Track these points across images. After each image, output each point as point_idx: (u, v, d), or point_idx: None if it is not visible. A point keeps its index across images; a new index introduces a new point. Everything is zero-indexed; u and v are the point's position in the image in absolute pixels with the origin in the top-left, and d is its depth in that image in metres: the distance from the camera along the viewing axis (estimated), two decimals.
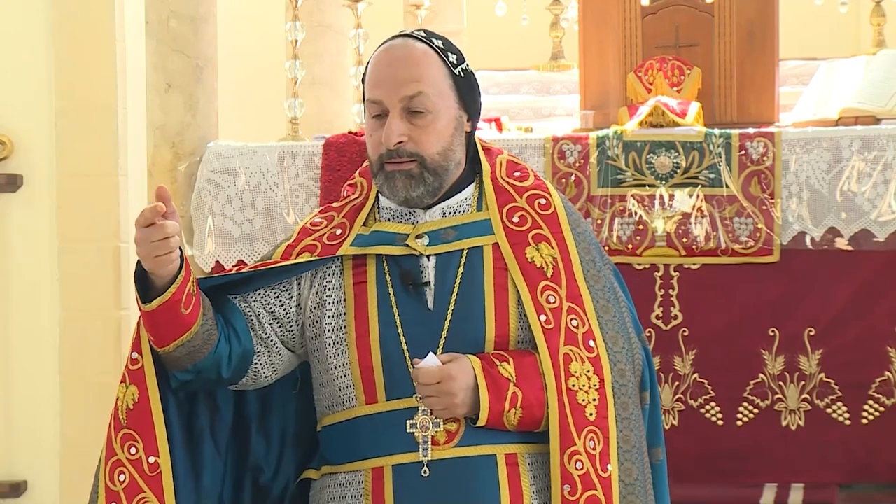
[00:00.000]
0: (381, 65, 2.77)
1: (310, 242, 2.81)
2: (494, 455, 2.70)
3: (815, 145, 4.79)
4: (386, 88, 2.74)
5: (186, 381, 2.79)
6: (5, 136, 5.51)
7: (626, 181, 4.85)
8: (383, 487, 2.69)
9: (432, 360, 2.66)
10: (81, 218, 5.47)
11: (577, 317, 2.77)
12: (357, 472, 2.72)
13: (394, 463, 2.69)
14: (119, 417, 2.77)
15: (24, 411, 5.55)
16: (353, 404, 2.74)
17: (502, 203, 2.83)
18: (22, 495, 5.54)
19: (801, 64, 6.35)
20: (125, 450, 2.73)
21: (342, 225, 2.83)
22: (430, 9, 6.44)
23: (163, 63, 5.17)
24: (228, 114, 5.88)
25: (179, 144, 5.15)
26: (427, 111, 2.74)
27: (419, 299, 2.74)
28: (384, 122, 2.75)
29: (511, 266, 2.77)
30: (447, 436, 2.68)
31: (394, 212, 2.82)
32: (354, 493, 2.72)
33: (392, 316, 2.73)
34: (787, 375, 4.83)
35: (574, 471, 2.67)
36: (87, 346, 5.47)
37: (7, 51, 5.56)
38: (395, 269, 2.76)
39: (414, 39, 2.79)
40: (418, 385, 2.66)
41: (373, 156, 2.78)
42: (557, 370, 2.70)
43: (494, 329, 2.74)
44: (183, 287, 2.66)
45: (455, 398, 2.65)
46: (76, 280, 5.48)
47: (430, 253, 2.77)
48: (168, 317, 2.67)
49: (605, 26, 5.28)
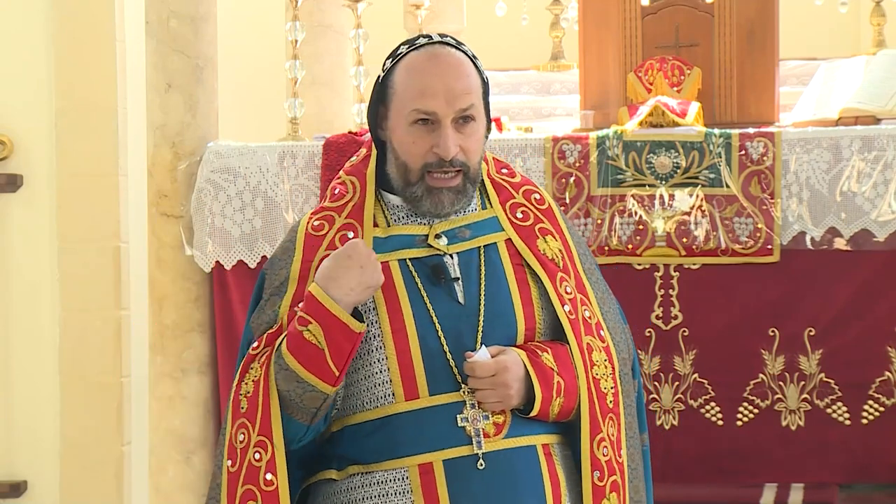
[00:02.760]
0: (429, 74, 2.75)
1: (325, 253, 2.78)
2: (535, 446, 2.74)
3: (815, 145, 4.79)
4: (442, 100, 2.73)
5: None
6: (5, 136, 5.51)
7: (626, 181, 4.86)
8: (434, 482, 2.68)
9: (485, 353, 2.68)
10: (81, 218, 5.47)
11: (587, 307, 2.83)
12: (399, 469, 2.71)
13: (445, 458, 2.69)
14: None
15: (24, 411, 5.55)
16: (390, 401, 2.73)
17: (504, 200, 2.87)
18: (22, 495, 5.53)
19: (801, 64, 6.35)
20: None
21: (350, 227, 2.81)
22: (430, 9, 6.44)
23: (163, 63, 5.17)
24: (228, 114, 5.88)
25: (179, 144, 5.15)
26: (473, 121, 2.77)
27: (450, 294, 2.75)
28: (429, 130, 2.74)
29: (530, 260, 2.81)
30: (495, 428, 2.71)
31: (406, 210, 2.82)
32: (399, 490, 2.70)
33: (426, 311, 2.73)
34: (787, 375, 4.83)
35: (601, 457, 2.75)
36: (87, 346, 5.47)
37: (7, 51, 5.55)
38: (420, 267, 2.77)
39: (450, 47, 2.79)
40: (473, 379, 2.68)
41: (414, 164, 2.76)
42: (584, 359, 2.77)
43: (524, 323, 2.77)
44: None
45: (510, 389, 2.69)
46: (76, 280, 5.48)
47: (453, 251, 2.79)
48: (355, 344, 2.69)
49: (605, 26, 5.29)
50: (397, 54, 2.80)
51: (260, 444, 2.67)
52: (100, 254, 5.49)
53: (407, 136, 2.76)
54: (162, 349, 5.16)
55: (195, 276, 5.14)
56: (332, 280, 2.65)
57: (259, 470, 2.67)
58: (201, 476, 5.14)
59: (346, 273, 2.64)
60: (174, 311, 5.15)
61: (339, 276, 2.65)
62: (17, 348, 5.54)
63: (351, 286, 2.65)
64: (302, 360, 2.66)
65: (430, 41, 2.79)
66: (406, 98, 2.75)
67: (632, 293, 4.83)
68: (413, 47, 2.79)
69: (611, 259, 4.83)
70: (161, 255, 5.16)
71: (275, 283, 2.81)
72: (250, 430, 2.68)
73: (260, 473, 2.67)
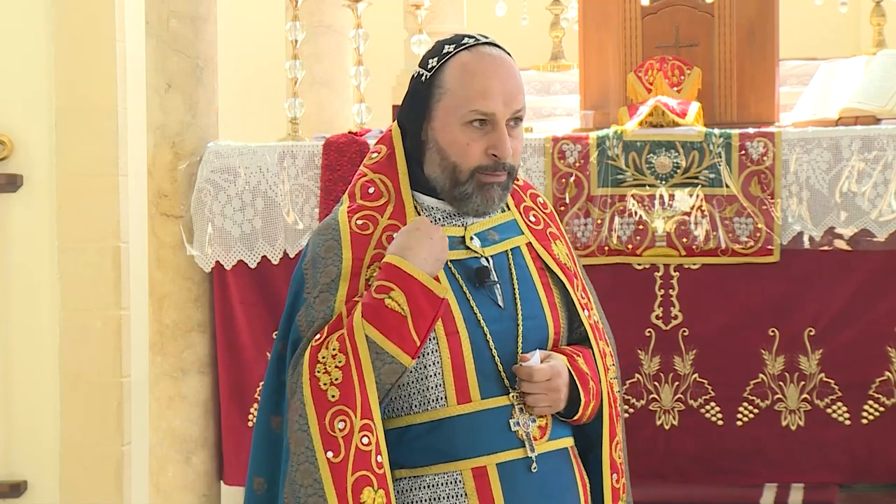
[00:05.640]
0: (488, 76, 2.73)
1: (374, 252, 2.75)
2: (567, 448, 2.79)
3: (815, 145, 4.79)
4: (500, 101, 2.72)
5: None
6: (5, 136, 5.52)
7: (626, 181, 4.86)
8: (489, 486, 2.70)
9: (538, 358, 2.71)
10: (81, 218, 5.48)
11: (592, 313, 2.88)
12: (452, 472, 2.71)
13: (499, 461, 2.70)
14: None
15: (24, 411, 5.55)
16: (442, 404, 2.72)
17: (518, 203, 2.89)
18: (22, 495, 5.54)
19: (801, 64, 6.34)
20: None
21: (394, 227, 2.77)
22: (430, 9, 6.42)
23: (163, 63, 5.17)
24: (228, 114, 5.88)
25: (179, 144, 5.15)
26: (521, 123, 2.79)
27: (491, 298, 2.77)
28: (485, 131, 2.73)
29: (551, 264, 2.84)
30: (540, 431, 2.74)
31: (442, 213, 2.81)
32: (453, 494, 2.71)
33: (473, 315, 2.74)
34: (787, 375, 4.83)
35: (617, 459, 2.83)
36: (87, 346, 5.48)
37: (7, 51, 5.56)
38: (461, 269, 2.77)
39: (497, 48, 2.78)
40: (528, 383, 2.70)
41: (467, 165, 2.74)
42: (604, 363, 2.84)
43: (553, 326, 2.81)
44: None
45: (561, 394, 2.73)
46: (76, 280, 5.49)
47: (488, 254, 2.80)
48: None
49: (605, 26, 5.28)
50: (444, 53, 2.77)
51: (366, 427, 2.63)
52: (100, 254, 5.50)
53: (462, 137, 2.74)
54: (162, 349, 5.16)
55: (195, 276, 5.14)
56: (408, 249, 2.67)
57: (370, 454, 2.63)
58: (201, 476, 5.15)
59: (418, 243, 2.67)
60: (174, 311, 5.15)
61: (413, 246, 2.67)
62: (17, 348, 5.55)
63: (424, 256, 2.67)
64: (384, 328, 2.64)
65: (478, 42, 2.78)
66: (463, 98, 2.73)
67: (632, 293, 4.84)
68: (462, 47, 2.76)
69: (611, 259, 4.83)
70: (161, 255, 5.16)
71: (323, 280, 2.74)
72: (351, 417, 2.63)
73: (371, 457, 2.64)
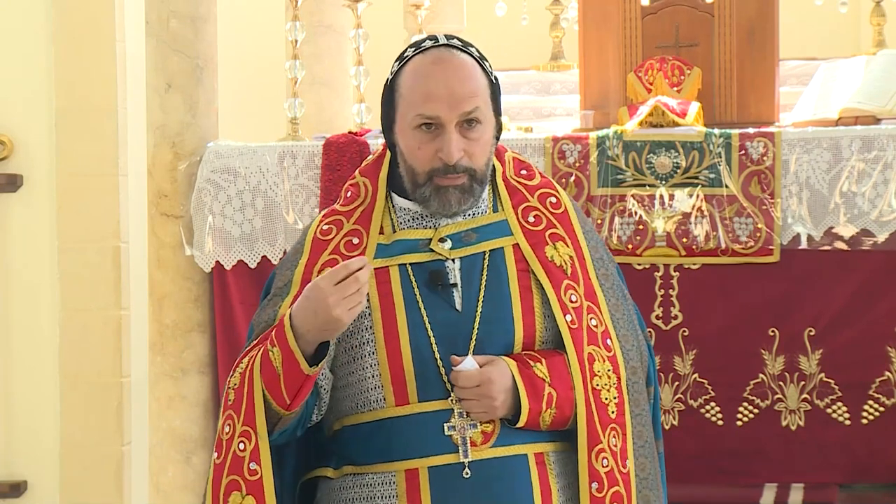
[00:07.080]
0: (432, 78, 2.72)
1: (328, 258, 2.77)
2: (526, 454, 2.72)
3: (815, 145, 4.79)
4: (445, 104, 2.70)
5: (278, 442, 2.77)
6: (5, 136, 5.51)
7: (626, 181, 4.86)
8: (419, 488, 2.68)
9: (470, 363, 2.67)
10: (81, 218, 5.47)
11: (595, 316, 2.80)
12: (388, 472, 2.71)
13: (430, 465, 2.69)
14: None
15: (24, 411, 5.54)
16: (381, 405, 2.72)
17: (517, 203, 2.84)
18: (22, 495, 5.53)
19: (801, 64, 6.35)
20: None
21: (356, 233, 2.79)
22: (430, 9, 6.43)
23: (163, 63, 5.17)
24: (228, 114, 5.88)
25: (179, 144, 5.15)
26: (479, 124, 2.74)
27: (447, 301, 2.74)
28: (434, 135, 2.72)
29: (534, 266, 2.78)
30: (483, 437, 2.70)
31: (413, 214, 2.80)
32: (386, 494, 2.71)
33: (420, 318, 2.72)
34: (787, 375, 4.83)
35: (601, 468, 2.72)
36: (87, 346, 5.46)
37: (7, 51, 5.55)
38: (419, 272, 2.75)
39: (456, 49, 2.76)
40: (458, 388, 2.67)
41: (421, 168, 2.73)
42: (584, 370, 2.74)
43: (522, 331, 2.74)
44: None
45: (495, 401, 2.67)
46: (76, 280, 5.48)
47: (455, 256, 2.77)
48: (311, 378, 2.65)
49: (605, 26, 5.28)
50: (404, 57, 2.77)
51: (244, 434, 2.66)
52: (100, 254, 5.48)
53: (412, 141, 2.74)
54: (162, 349, 5.16)
55: (195, 276, 5.14)
56: (301, 309, 2.63)
57: (243, 460, 2.66)
58: (201, 476, 5.14)
59: (312, 304, 2.61)
60: (174, 311, 5.15)
61: (305, 308, 2.63)
62: (17, 348, 5.54)
63: (307, 327, 2.62)
64: (264, 377, 2.66)
65: (437, 44, 2.76)
66: (410, 102, 2.73)
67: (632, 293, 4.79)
68: (419, 50, 2.76)
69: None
70: (161, 254, 5.16)
71: (279, 283, 2.81)
72: (235, 421, 2.68)
73: (244, 463, 2.66)
